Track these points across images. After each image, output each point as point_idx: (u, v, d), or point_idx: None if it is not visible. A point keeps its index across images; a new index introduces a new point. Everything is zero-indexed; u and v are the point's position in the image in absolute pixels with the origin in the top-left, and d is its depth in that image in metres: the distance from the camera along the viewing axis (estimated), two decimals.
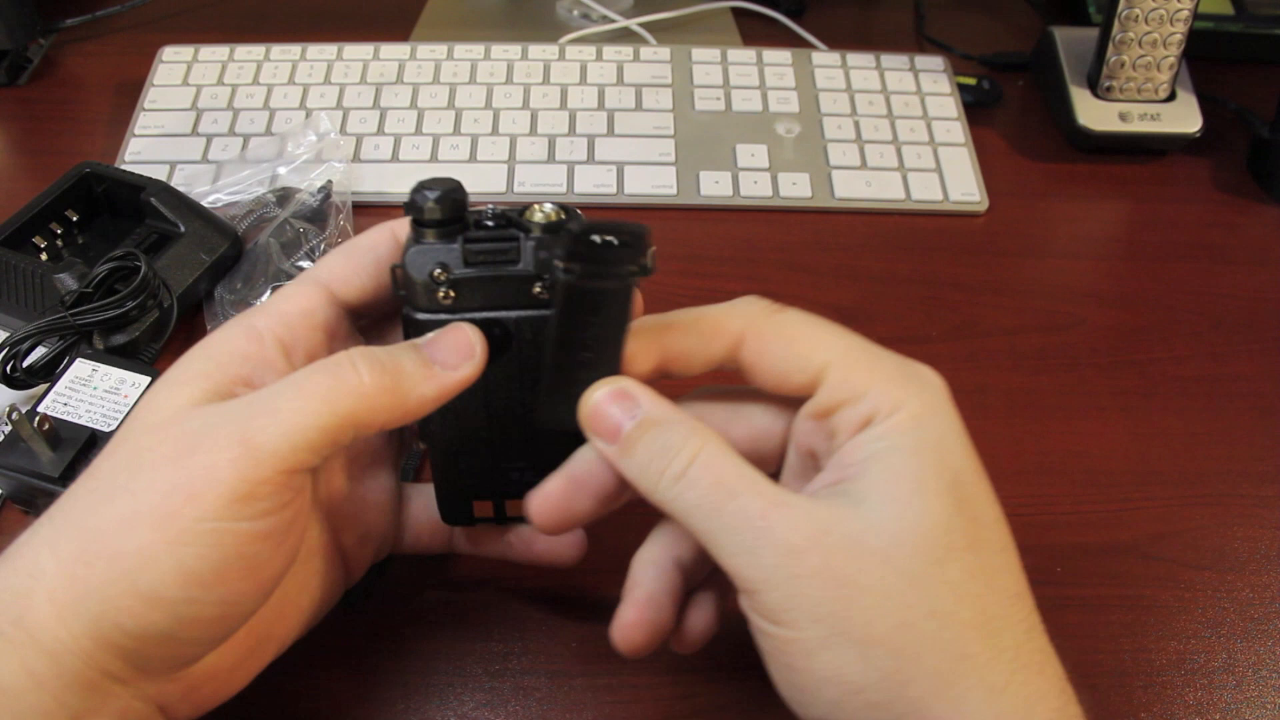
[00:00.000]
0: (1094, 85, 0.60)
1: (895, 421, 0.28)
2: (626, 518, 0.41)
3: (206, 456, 0.27)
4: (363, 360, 0.28)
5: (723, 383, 0.33)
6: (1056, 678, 0.28)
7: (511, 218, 0.30)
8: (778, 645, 0.27)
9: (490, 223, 0.30)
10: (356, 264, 0.32)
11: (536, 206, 0.30)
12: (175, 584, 0.26)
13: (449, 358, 0.30)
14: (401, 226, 0.32)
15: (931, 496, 0.27)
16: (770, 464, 0.32)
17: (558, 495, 0.31)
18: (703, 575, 0.33)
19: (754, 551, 0.27)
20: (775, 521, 0.27)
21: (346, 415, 0.28)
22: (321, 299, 0.32)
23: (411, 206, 0.30)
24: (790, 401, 0.31)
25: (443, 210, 0.29)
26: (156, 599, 0.26)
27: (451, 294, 0.30)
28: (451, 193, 0.29)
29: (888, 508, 0.27)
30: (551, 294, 0.30)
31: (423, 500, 0.37)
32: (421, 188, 0.29)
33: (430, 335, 0.30)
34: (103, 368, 0.42)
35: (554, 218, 0.30)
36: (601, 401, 0.30)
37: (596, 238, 0.27)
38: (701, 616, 0.33)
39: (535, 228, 0.30)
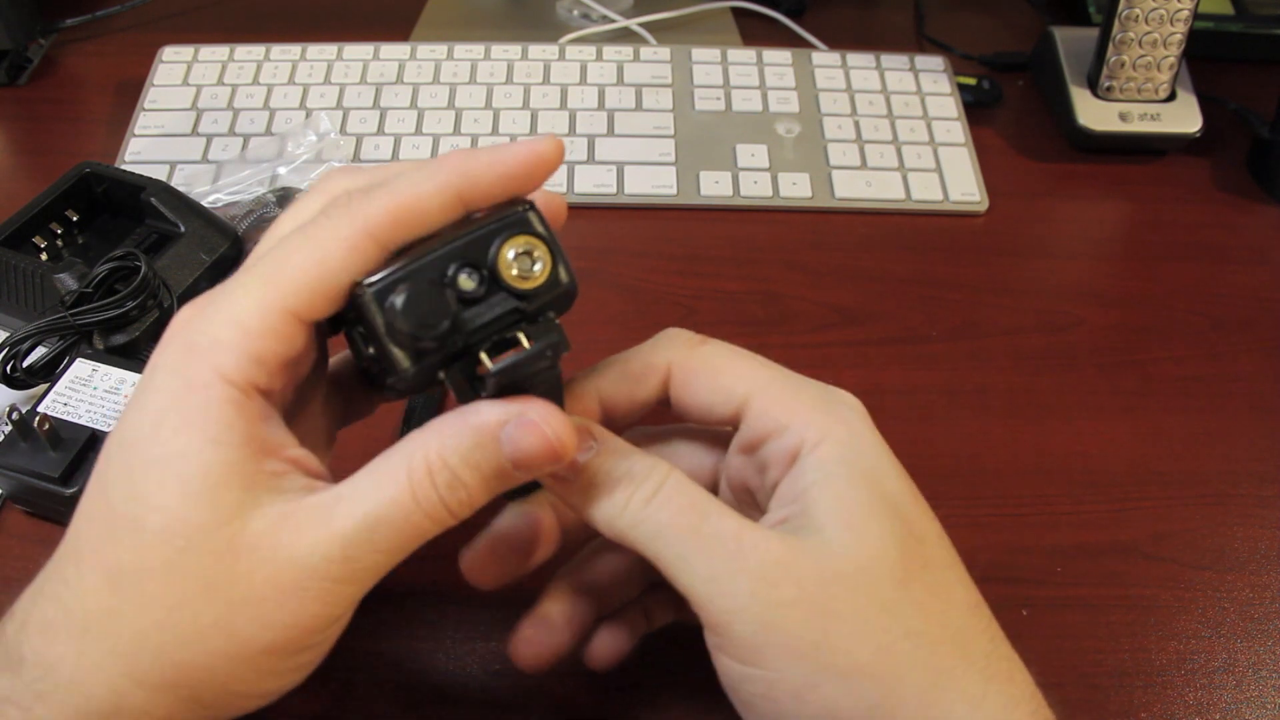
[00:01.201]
0: (1094, 85, 0.60)
1: (825, 451, 0.28)
2: None
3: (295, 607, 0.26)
4: (450, 494, 0.26)
5: (657, 422, 0.33)
6: (1026, 683, 0.28)
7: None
8: (759, 691, 0.27)
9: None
10: (294, 291, 0.27)
11: (508, 253, 0.27)
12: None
13: (532, 462, 0.27)
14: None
15: (881, 520, 0.28)
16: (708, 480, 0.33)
17: (485, 554, 0.31)
18: (616, 604, 0.33)
19: (728, 578, 0.26)
20: (750, 546, 0.27)
21: (401, 552, 0.27)
22: (299, 341, 0.27)
23: (399, 331, 0.26)
24: (719, 437, 0.32)
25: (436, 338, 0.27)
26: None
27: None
28: (441, 324, 0.26)
29: (845, 535, 0.27)
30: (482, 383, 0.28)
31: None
32: (410, 320, 0.26)
33: (512, 435, 0.26)
34: (103, 368, 0.42)
35: (526, 276, 0.27)
36: (551, 445, 0.27)
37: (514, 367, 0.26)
38: (612, 643, 0.33)
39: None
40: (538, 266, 0.27)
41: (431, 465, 0.26)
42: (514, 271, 0.27)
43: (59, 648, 0.26)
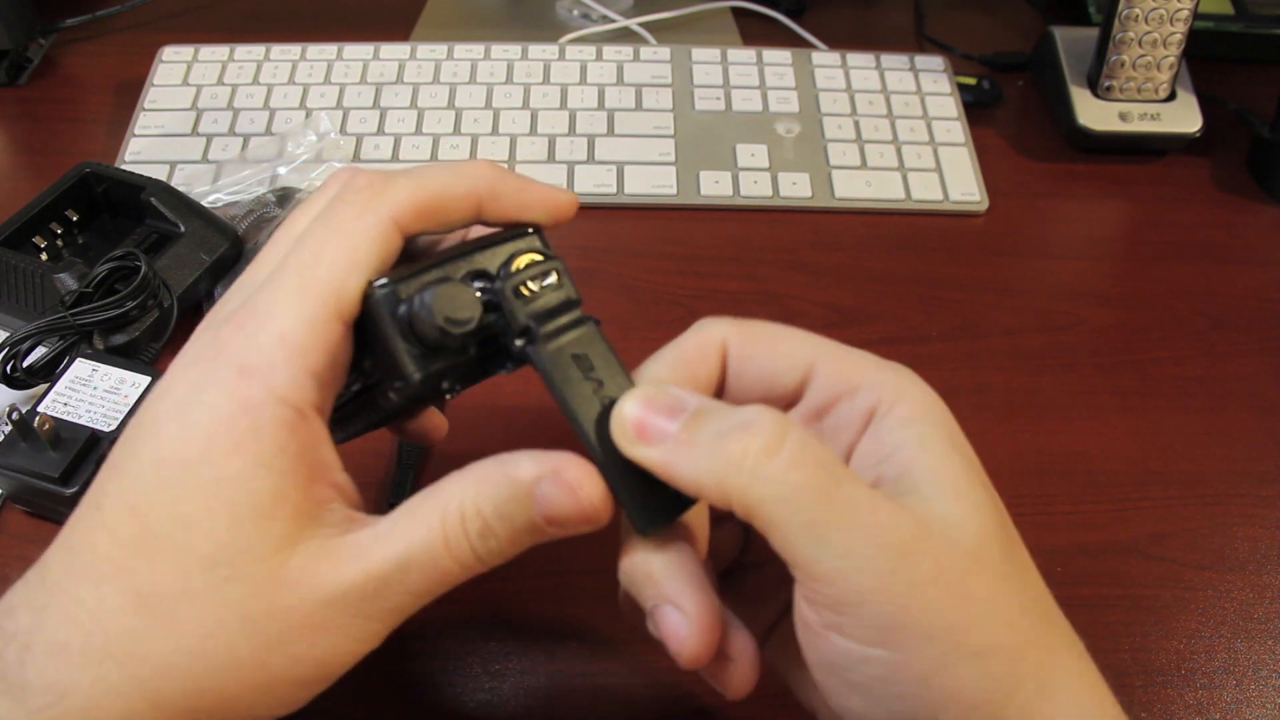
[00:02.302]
0: (1094, 85, 0.60)
1: (906, 411, 0.26)
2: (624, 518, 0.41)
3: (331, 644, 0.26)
4: (481, 544, 0.26)
5: None
6: (1091, 659, 0.27)
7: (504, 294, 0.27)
8: (880, 674, 0.24)
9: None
10: (334, 299, 0.26)
11: (520, 259, 0.27)
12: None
13: (564, 522, 0.26)
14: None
15: (982, 490, 0.26)
16: None
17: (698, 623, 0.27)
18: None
19: (866, 553, 0.24)
20: (885, 516, 0.24)
21: (430, 594, 0.26)
22: (341, 346, 0.27)
23: (425, 327, 0.26)
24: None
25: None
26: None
27: (457, 391, 0.28)
28: (469, 324, 0.26)
29: (959, 506, 0.25)
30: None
31: None
32: (443, 314, 0.26)
33: (548, 493, 0.26)
34: (103, 368, 0.42)
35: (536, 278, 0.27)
36: (635, 410, 0.26)
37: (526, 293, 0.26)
38: (748, 646, 0.29)
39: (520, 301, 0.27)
40: (549, 280, 0.27)
41: (465, 513, 0.26)
42: (528, 284, 0.27)
43: (73, 674, 0.25)
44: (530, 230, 0.29)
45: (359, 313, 0.26)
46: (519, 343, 0.27)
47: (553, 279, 0.28)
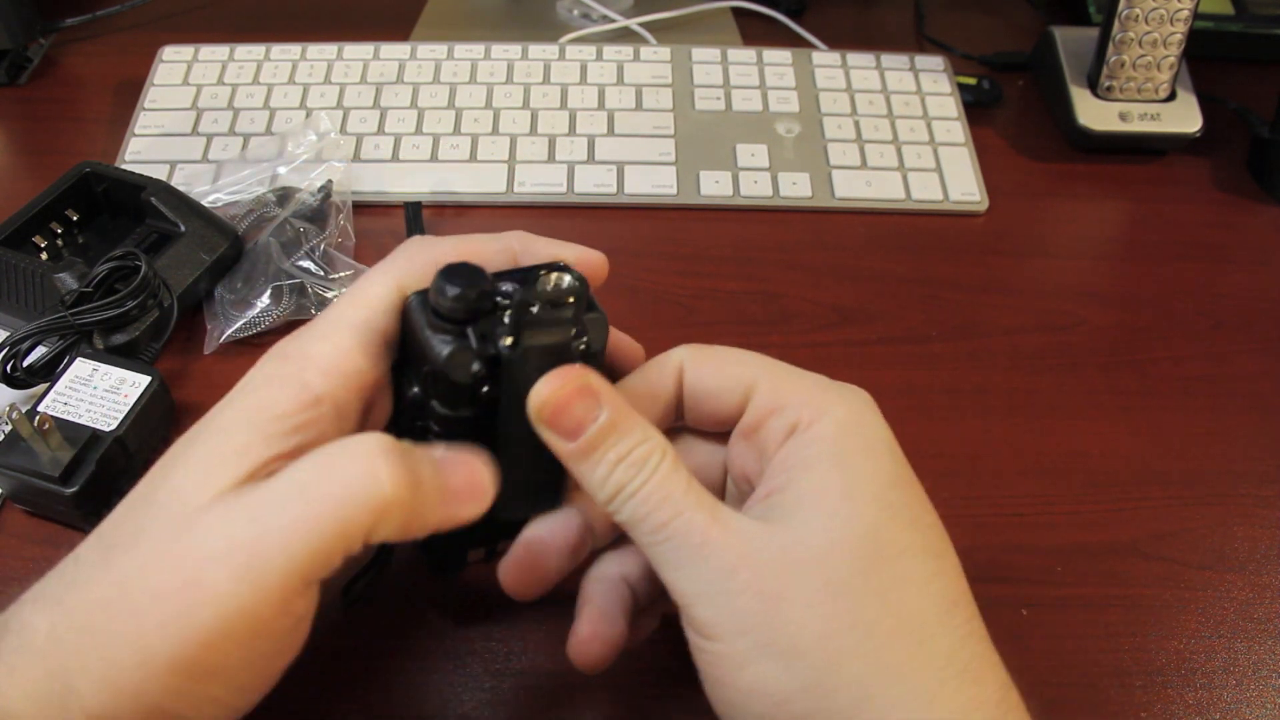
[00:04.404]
0: (1094, 85, 0.60)
1: (820, 428, 0.29)
2: None
3: (208, 590, 0.25)
4: (386, 464, 0.25)
5: None
6: (997, 685, 0.27)
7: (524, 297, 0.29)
8: (709, 660, 0.28)
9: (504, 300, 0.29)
10: (378, 309, 0.30)
11: (551, 277, 0.29)
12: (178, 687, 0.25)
13: (460, 490, 0.28)
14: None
15: (860, 503, 0.28)
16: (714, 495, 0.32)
17: (522, 564, 0.32)
18: (650, 594, 0.33)
19: (691, 568, 0.27)
20: (713, 540, 0.27)
21: (356, 533, 0.25)
22: (377, 355, 0.29)
23: (440, 299, 0.28)
24: (726, 437, 0.32)
25: (474, 305, 0.28)
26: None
27: (486, 389, 0.29)
28: (481, 284, 0.28)
29: (816, 519, 0.27)
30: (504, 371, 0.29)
31: None
32: (450, 280, 0.27)
33: (443, 455, 0.28)
34: (103, 367, 0.42)
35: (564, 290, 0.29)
36: (563, 397, 0.28)
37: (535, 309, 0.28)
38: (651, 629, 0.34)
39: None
40: (566, 281, 0.29)
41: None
42: (552, 289, 0.28)
43: (36, 618, 0.25)
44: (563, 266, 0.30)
45: (400, 332, 0.29)
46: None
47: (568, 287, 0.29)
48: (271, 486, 0.26)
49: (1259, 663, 0.39)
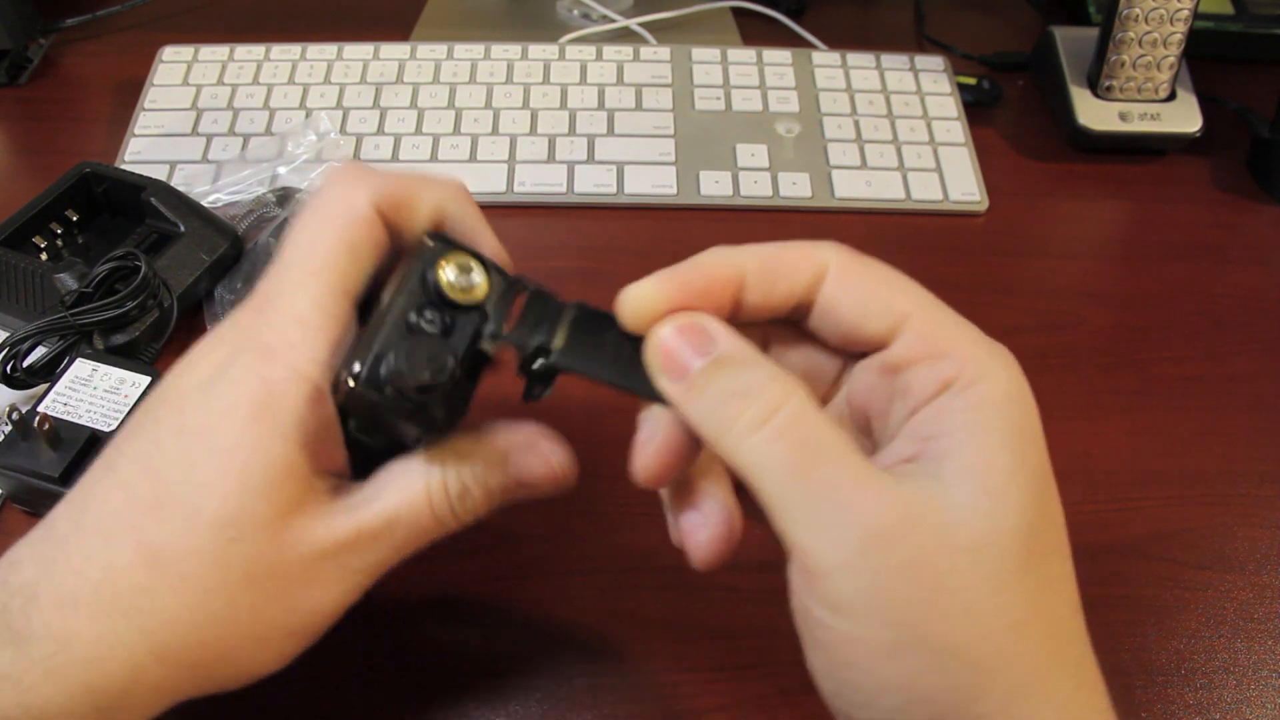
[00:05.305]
0: (1094, 85, 0.60)
1: (982, 392, 0.25)
2: (623, 518, 0.41)
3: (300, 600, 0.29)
4: (460, 504, 0.29)
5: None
6: (1105, 694, 0.26)
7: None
8: (836, 639, 0.24)
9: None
10: (339, 274, 0.29)
11: (445, 278, 0.28)
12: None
13: (535, 484, 0.30)
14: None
15: (1022, 493, 0.25)
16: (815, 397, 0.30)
17: (657, 454, 0.28)
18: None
19: (835, 530, 0.24)
20: (864, 499, 0.24)
21: (410, 549, 0.30)
22: (348, 313, 0.29)
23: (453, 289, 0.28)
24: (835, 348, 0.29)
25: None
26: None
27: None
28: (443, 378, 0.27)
29: (980, 501, 0.24)
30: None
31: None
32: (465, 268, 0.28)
33: (517, 448, 0.30)
34: (103, 367, 0.42)
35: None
36: (669, 336, 0.27)
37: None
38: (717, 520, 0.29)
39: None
40: (476, 276, 0.28)
41: (447, 475, 0.29)
42: (460, 290, 0.28)
43: (79, 624, 0.26)
44: (429, 239, 0.29)
45: (342, 402, 0.28)
46: (539, 363, 0.28)
47: (477, 275, 0.29)
48: (360, 547, 0.29)
49: (1259, 663, 0.39)
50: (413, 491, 0.29)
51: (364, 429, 0.30)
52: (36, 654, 0.26)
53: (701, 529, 0.28)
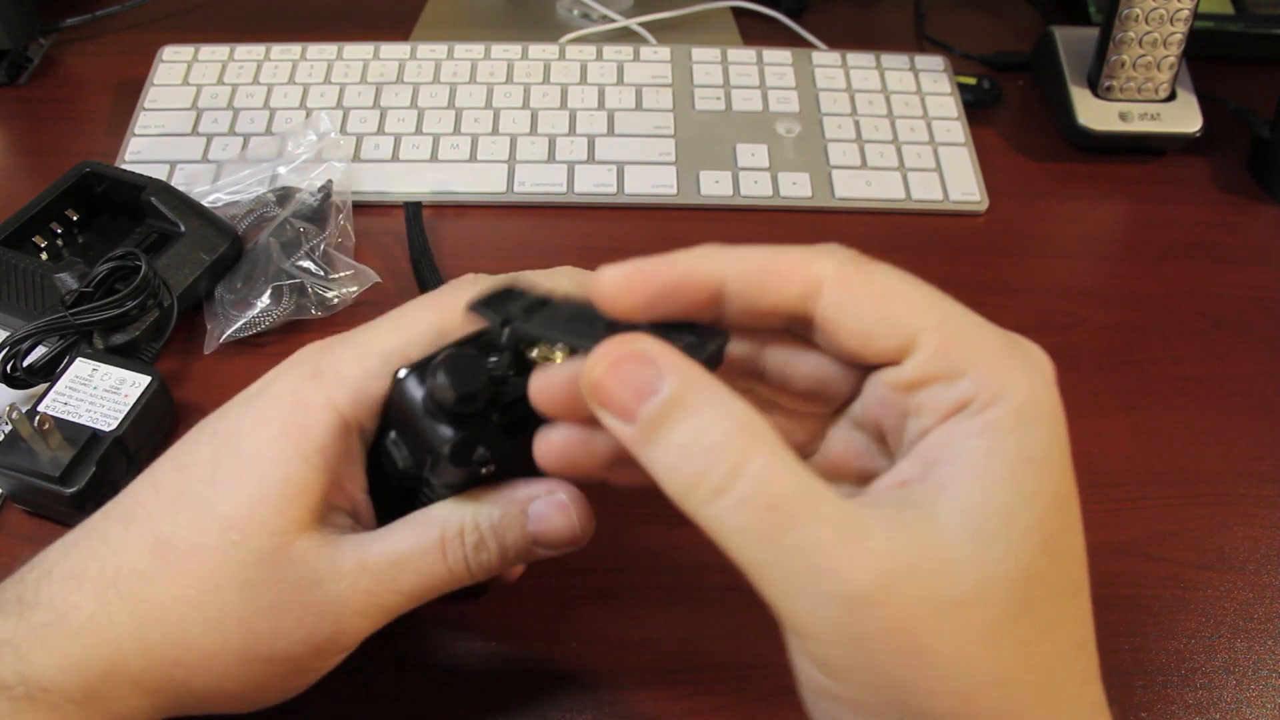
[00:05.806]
0: (1094, 85, 0.60)
1: (995, 417, 0.23)
2: (623, 517, 0.41)
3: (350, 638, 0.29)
4: (474, 555, 0.29)
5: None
6: None
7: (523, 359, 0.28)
8: (823, 689, 0.24)
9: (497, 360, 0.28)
10: (416, 342, 0.30)
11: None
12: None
13: (553, 542, 0.30)
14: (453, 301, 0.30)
15: (1023, 534, 0.23)
16: (830, 405, 0.28)
17: (562, 444, 0.26)
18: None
19: (812, 598, 0.22)
20: (841, 562, 0.22)
21: (417, 598, 0.29)
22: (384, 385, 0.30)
23: (441, 394, 0.26)
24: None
25: (474, 406, 0.27)
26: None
27: (492, 467, 0.29)
28: (477, 385, 0.26)
29: (972, 547, 0.23)
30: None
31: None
32: (451, 377, 0.26)
33: (540, 512, 0.29)
34: (103, 367, 0.42)
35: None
36: (605, 375, 0.23)
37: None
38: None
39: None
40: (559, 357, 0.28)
41: (465, 525, 0.29)
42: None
43: (79, 597, 0.27)
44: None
45: (390, 400, 0.29)
46: (506, 332, 0.28)
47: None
48: (381, 568, 0.29)
49: (1259, 663, 0.39)
50: (427, 537, 0.29)
51: (401, 438, 0.29)
52: (35, 621, 0.27)
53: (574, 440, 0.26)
